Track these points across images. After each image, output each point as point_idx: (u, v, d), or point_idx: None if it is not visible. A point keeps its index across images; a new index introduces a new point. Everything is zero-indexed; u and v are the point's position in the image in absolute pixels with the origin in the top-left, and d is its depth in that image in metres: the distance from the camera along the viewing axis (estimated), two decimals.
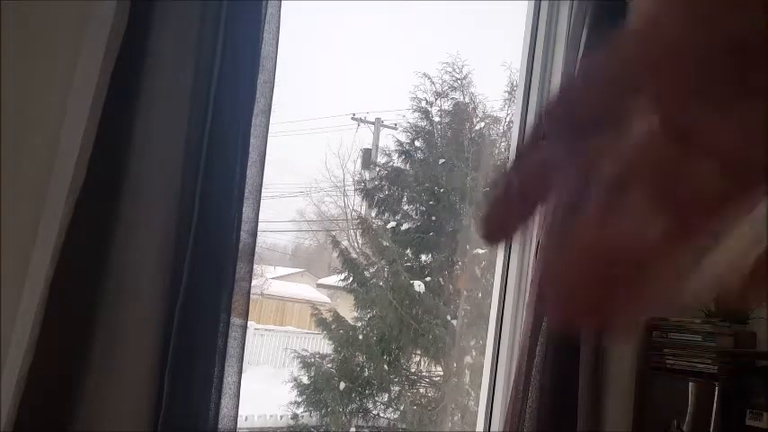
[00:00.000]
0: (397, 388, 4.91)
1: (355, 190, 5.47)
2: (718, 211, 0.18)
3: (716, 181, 0.18)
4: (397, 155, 5.30)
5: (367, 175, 5.49)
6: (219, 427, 1.34)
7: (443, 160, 5.20)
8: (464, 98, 5.36)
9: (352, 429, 4.80)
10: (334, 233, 5.53)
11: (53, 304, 1.17)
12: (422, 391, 5.00)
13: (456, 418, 4.82)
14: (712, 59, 0.17)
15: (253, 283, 1.41)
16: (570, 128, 0.20)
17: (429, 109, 5.33)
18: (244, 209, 1.38)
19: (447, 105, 5.36)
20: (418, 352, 4.95)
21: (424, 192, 5.22)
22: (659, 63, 0.18)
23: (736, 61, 0.17)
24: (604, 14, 1.99)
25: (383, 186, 5.31)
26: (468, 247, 5.07)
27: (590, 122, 0.19)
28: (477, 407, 2.14)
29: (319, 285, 6.07)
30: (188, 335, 1.29)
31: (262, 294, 5.62)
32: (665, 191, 0.18)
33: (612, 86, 0.19)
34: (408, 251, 5.09)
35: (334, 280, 5.39)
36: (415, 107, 5.32)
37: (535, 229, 2.09)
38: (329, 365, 4.91)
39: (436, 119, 5.36)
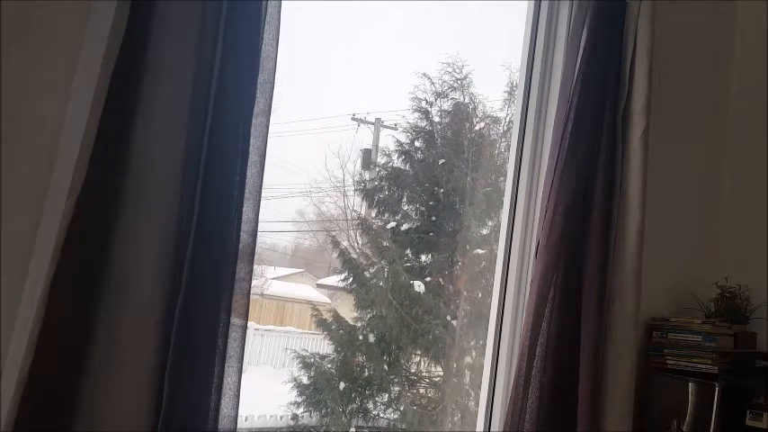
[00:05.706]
0: (397, 388, 4.90)
1: (355, 190, 5.46)
2: None
3: None
4: (396, 155, 5.29)
5: (367, 175, 5.48)
6: (219, 427, 1.34)
7: (443, 160, 5.19)
8: (464, 98, 5.35)
9: (352, 429, 4.80)
10: (334, 233, 5.52)
11: (53, 304, 1.17)
12: (422, 391, 5.00)
13: (456, 418, 4.82)
14: None
15: (253, 284, 1.41)
16: None
17: (429, 109, 5.33)
18: (244, 209, 1.38)
19: (447, 105, 5.35)
20: (418, 352, 4.94)
21: (424, 192, 5.21)
22: None
23: None
24: (604, 14, 1.99)
25: (383, 187, 5.30)
26: (468, 247, 5.06)
27: None
28: (477, 407, 2.13)
29: (319, 285, 6.06)
30: (188, 335, 1.29)
31: (262, 294, 5.61)
32: None
33: None
34: (408, 251, 5.08)
35: (334, 280, 5.38)
36: (414, 107, 5.31)
37: (535, 229, 2.09)
38: (329, 366, 4.90)
39: (436, 119, 5.35)
